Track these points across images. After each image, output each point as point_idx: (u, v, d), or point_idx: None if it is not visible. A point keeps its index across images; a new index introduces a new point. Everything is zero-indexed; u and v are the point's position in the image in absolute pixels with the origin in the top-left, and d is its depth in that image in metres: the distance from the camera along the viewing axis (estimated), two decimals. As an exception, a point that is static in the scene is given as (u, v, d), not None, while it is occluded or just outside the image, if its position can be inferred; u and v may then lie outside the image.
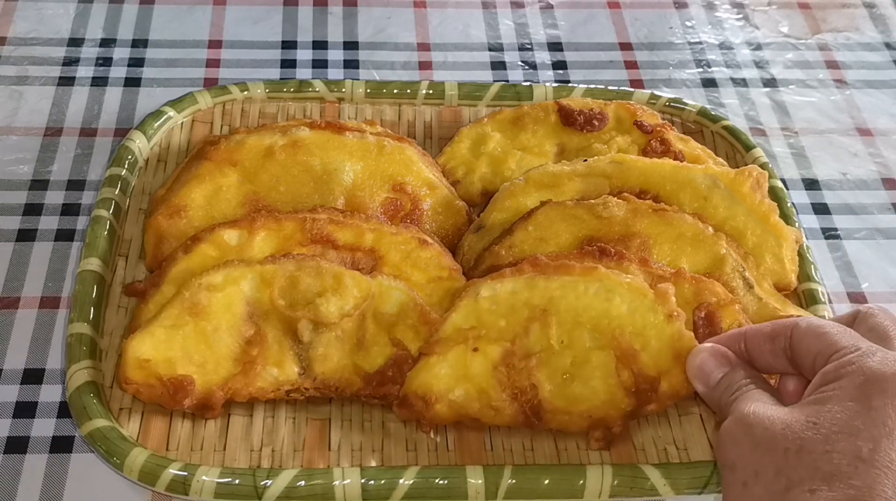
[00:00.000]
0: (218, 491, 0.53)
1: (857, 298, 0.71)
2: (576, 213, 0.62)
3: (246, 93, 0.75)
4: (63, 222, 0.70)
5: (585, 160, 0.65)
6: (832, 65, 0.89)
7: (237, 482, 0.53)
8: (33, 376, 0.62)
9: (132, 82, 0.82)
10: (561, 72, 0.86)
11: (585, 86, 0.77)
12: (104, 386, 0.58)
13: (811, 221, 0.76)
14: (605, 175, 0.64)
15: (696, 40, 0.91)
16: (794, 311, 0.62)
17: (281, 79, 0.81)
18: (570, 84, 0.79)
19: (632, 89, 0.77)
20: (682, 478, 0.55)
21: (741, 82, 0.87)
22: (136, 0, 0.89)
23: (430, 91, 0.76)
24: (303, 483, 0.53)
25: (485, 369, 0.57)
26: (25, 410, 0.60)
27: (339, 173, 0.64)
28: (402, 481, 0.54)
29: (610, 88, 0.77)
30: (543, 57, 0.87)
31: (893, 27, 0.94)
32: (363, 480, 0.54)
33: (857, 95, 0.87)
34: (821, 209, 0.77)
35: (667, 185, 0.64)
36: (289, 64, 0.84)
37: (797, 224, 0.68)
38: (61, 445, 0.59)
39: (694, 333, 0.58)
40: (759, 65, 0.89)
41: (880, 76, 0.89)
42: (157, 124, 0.71)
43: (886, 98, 0.86)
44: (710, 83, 0.86)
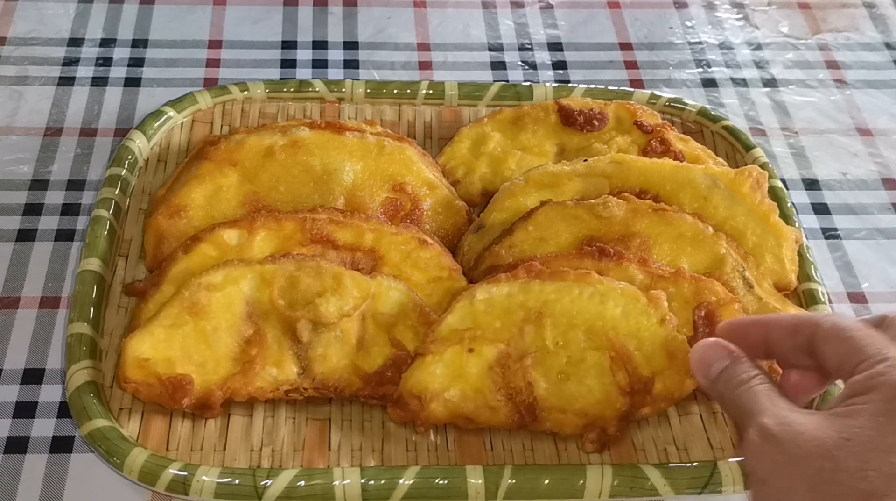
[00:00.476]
0: (218, 491, 0.53)
1: (857, 298, 0.71)
2: (576, 213, 0.62)
3: (246, 93, 0.75)
4: (63, 222, 0.70)
5: (585, 160, 0.65)
6: (832, 65, 0.89)
7: (237, 482, 0.53)
8: (33, 376, 0.62)
9: (132, 82, 0.82)
10: (561, 72, 0.86)
11: (585, 86, 0.77)
12: (104, 386, 0.58)
13: (811, 221, 0.76)
14: (605, 175, 0.64)
15: (696, 40, 0.91)
16: (794, 311, 0.62)
17: (281, 79, 0.81)
18: (570, 84, 0.79)
19: (632, 89, 0.77)
20: (682, 478, 0.55)
21: (741, 82, 0.87)
22: (136, 0, 0.89)
23: (430, 91, 0.76)
24: (303, 483, 0.53)
25: (480, 369, 0.57)
26: (25, 410, 0.60)
27: (339, 173, 0.64)
28: (402, 481, 0.54)
29: (610, 88, 0.77)
30: (543, 57, 0.87)
31: (893, 27, 0.94)
32: (363, 480, 0.54)
33: (857, 95, 0.86)
34: (821, 209, 0.77)
35: (667, 185, 0.64)
36: (289, 64, 0.84)
37: (797, 224, 0.68)
38: (61, 445, 0.59)
39: (694, 332, 0.59)
40: (759, 65, 0.89)
41: (880, 76, 0.88)
42: (157, 124, 0.71)
43: (886, 98, 0.86)
44: (710, 83, 0.86)
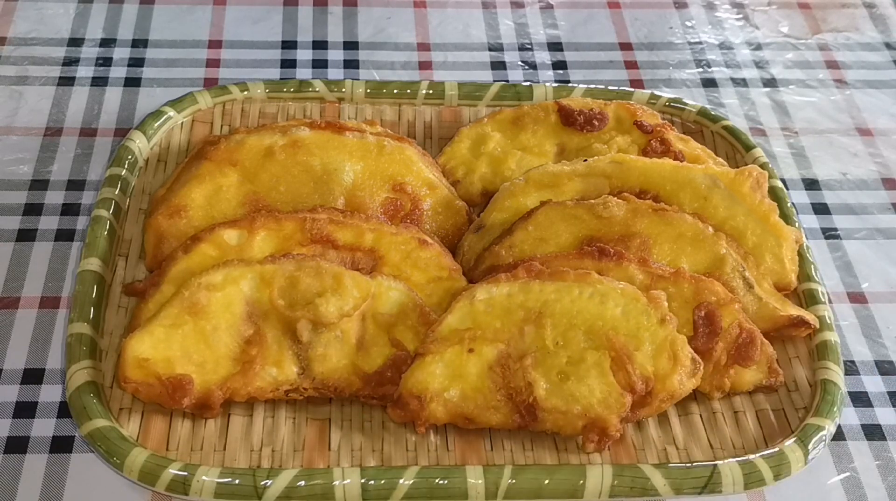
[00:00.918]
0: (218, 491, 0.53)
1: (857, 298, 0.71)
2: (576, 213, 0.62)
3: (246, 93, 0.75)
4: (63, 222, 0.70)
5: (585, 160, 0.65)
6: (832, 65, 0.89)
7: (237, 482, 0.53)
8: (33, 376, 0.62)
9: (132, 82, 0.82)
10: (561, 72, 0.86)
11: (585, 86, 0.77)
12: (104, 386, 0.58)
13: (811, 221, 0.76)
14: (605, 175, 0.64)
15: (696, 40, 0.91)
16: (794, 311, 0.62)
17: (281, 79, 0.81)
18: (570, 84, 0.79)
19: (632, 89, 0.77)
20: (682, 478, 0.55)
21: (741, 82, 0.87)
22: (136, 0, 0.89)
23: (430, 91, 0.76)
24: (303, 483, 0.53)
25: (480, 369, 0.57)
26: (25, 410, 0.60)
27: (339, 173, 0.64)
28: (402, 481, 0.54)
29: (610, 88, 0.77)
30: (543, 57, 0.87)
31: (893, 27, 0.94)
32: (363, 480, 0.54)
33: (857, 95, 0.86)
34: (821, 209, 0.77)
35: (667, 185, 0.64)
36: (289, 64, 0.84)
37: (797, 224, 0.68)
38: (61, 445, 0.59)
39: (694, 332, 0.59)
40: (759, 65, 0.89)
41: (880, 76, 0.88)
42: (157, 124, 0.71)
43: (886, 98, 0.86)
44: (710, 83, 0.86)
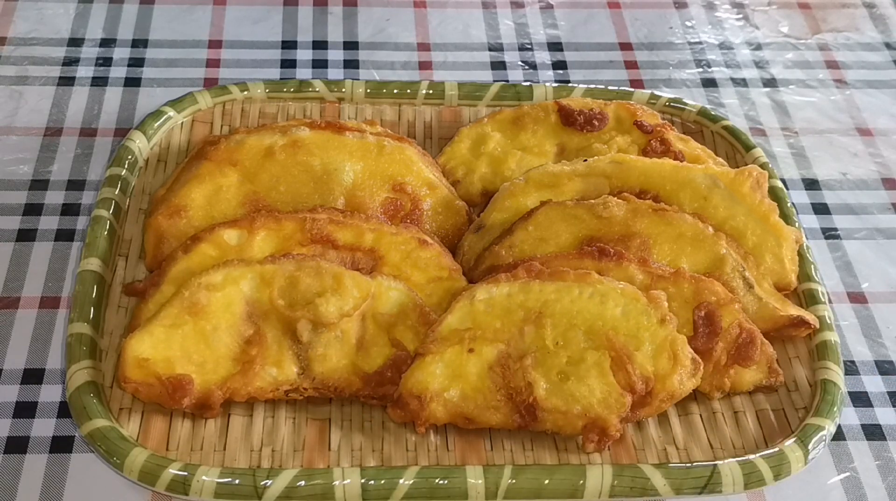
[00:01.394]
0: (218, 491, 0.53)
1: (857, 298, 0.71)
2: (576, 213, 0.62)
3: (246, 93, 0.75)
4: (63, 222, 0.70)
5: (585, 160, 0.65)
6: (832, 65, 0.89)
7: (237, 482, 0.53)
8: (33, 376, 0.62)
9: (132, 82, 0.82)
10: (561, 72, 0.86)
11: (585, 86, 0.77)
12: (104, 386, 0.58)
13: (811, 221, 0.76)
14: (605, 175, 0.64)
15: (696, 40, 0.91)
16: (794, 311, 0.62)
17: (281, 79, 0.81)
18: (570, 84, 0.79)
19: (632, 89, 0.77)
20: (682, 478, 0.55)
21: (741, 82, 0.87)
22: (136, 0, 0.89)
23: (430, 91, 0.76)
24: (303, 483, 0.53)
25: (480, 369, 0.57)
26: (25, 410, 0.60)
27: (339, 173, 0.64)
28: (402, 481, 0.54)
29: (610, 88, 0.77)
30: (543, 57, 0.87)
31: (893, 27, 0.94)
32: (363, 480, 0.54)
33: (857, 95, 0.86)
34: (821, 209, 0.77)
35: (667, 185, 0.64)
36: (289, 64, 0.84)
37: (797, 224, 0.68)
38: (61, 445, 0.59)
39: (694, 332, 0.59)
40: (759, 65, 0.89)
41: (880, 76, 0.88)
42: (157, 124, 0.71)
43: (886, 98, 0.86)
44: (710, 83, 0.86)
